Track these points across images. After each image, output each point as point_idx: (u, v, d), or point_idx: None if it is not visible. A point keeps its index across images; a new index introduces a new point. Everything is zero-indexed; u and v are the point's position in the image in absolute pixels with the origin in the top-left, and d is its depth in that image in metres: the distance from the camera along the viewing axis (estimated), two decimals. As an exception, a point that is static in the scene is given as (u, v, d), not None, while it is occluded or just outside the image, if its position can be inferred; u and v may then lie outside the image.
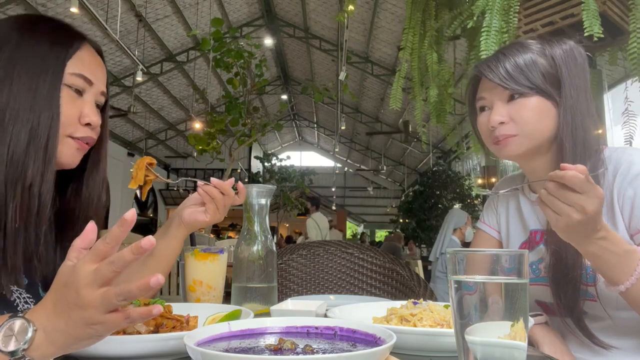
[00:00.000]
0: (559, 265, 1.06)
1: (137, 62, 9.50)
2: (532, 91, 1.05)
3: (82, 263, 0.58)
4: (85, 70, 0.90)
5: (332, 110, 16.63)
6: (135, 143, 15.78)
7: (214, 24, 6.75)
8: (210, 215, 1.08)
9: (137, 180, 1.04)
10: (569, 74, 1.06)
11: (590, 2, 1.67)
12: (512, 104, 1.07)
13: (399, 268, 1.64)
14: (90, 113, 0.90)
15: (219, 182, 1.06)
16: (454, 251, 0.61)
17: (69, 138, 0.89)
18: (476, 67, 1.13)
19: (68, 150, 0.89)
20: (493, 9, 1.84)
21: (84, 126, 0.90)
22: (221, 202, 1.07)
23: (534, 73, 1.06)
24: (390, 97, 2.36)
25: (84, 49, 0.92)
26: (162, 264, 1.12)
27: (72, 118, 0.88)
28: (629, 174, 1.03)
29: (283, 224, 20.96)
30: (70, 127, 0.88)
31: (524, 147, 1.08)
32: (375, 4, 10.04)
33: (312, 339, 0.71)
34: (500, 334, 0.57)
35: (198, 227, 1.12)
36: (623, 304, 0.97)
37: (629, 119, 1.93)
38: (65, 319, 0.58)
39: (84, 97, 0.91)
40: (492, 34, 1.82)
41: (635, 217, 1.01)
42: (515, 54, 1.08)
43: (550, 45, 1.09)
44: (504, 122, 1.07)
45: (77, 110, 0.89)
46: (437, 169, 14.02)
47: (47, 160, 0.83)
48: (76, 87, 0.89)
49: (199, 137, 7.34)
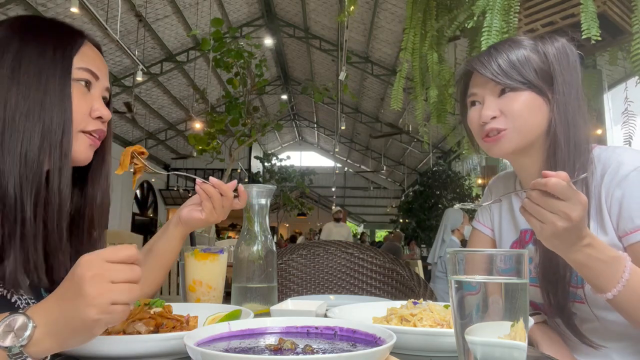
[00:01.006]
0: (548, 266, 1.05)
1: (137, 62, 9.50)
2: (524, 86, 1.04)
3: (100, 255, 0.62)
4: (91, 65, 0.91)
5: (332, 110, 16.64)
6: (135, 143, 15.76)
7: (214, 24, 6.76)
8: (206, 213, 1.08)
9: (123, 167, 1.04)
10: (561, 71, 1.05)
11: (588, 4, 1.67)
12: (503, 98, 1.05)
13: (399, 268, 1.64)
14: (100, 107, 0.91)
15: (218, 181, 1.06)
16: (454, 251, 0.61)
17: (82, 133, 0.89)
18: (468, 63, 1.12)
19: (82, 146, 0.89)
20: (493, 9, 1.84)
21: (94, 120, 0.91)
22: (218, 202, 1.07)
23: (527, 69, 1.05)
24: (390, 97, 2.36)
25: (86, 45, 0.92)
26: (162, 262, 1.13)
27: (83, 112, 0.89)
28: (617, 174, 1.01)
29: (283, 224, 20.97)
30: (82, 122, 0.89)
31: (513, 143, 1.06)
32: (375, 4, 10.04)
33: (312, 339, 0.71)
34: (500, 334, 0.57)
35: (196, 226, 1.12)
36: (609, 306, 0.97)
37: (628, 119, 1.94)
38: (69, 307, 0.60)
39: (91, 91, 0.91)
40: (493, 34, 1.82)
41: (623, 218, 0.99)
42: (507, 50, 1.07)
43: (543, 42, 1.09)
44: (495, 116, 1.05)
45: (87, 104, 0.89)
46: (437, 169, 14.03)
47: (62, 156, 0.84)
48: (85, 81, 0.90)
49: (199, 137, 7.35)
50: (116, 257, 0.62)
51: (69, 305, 0.60)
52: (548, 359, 0.78)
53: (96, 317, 0.59)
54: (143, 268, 0.65)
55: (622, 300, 0.90)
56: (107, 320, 0.60)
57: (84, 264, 0.61)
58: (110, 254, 0.62)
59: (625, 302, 0.90)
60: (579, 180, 1.04)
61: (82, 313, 0.59)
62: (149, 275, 1.10)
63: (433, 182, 13.60)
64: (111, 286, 0.60)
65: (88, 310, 0.59)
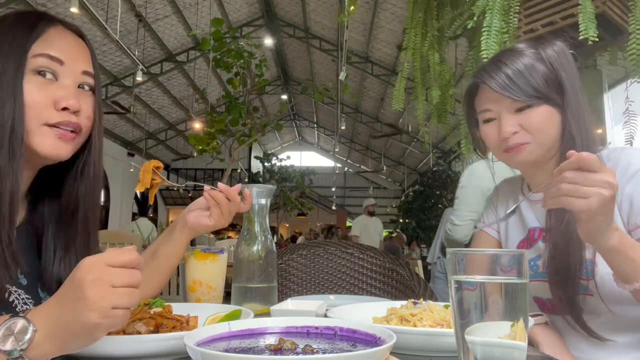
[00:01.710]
0: (560, 259, 1.06)
1: (137, 62, 9.50)
2: (540, 100, 1.06)
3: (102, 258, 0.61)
4: (53, 49, 0.83)
5: (332, 110, 16.63)
6: (135, 143, 15.78)
7: (214, 24, 6.76)
8: (215, 220, 1.07)
9: (144, 184, 1.04)
10: (566, 76, 1.08)
11: (587, 5, 1.67)
12: (521, 115, 1.08)
13: (399, 268, 1.64)
14: (66, 96, 0.83)
15: (226, 187, 1.05)
16: (454, 251, 0.61)
17: (46, 127, 0.82)
18: (476, 77, 1.13)
19: (47, 140, 0.82)
20: (493, 9, 1.84)
21: (60, 111, 0.83)
22: (226, 208, 1.06)
23: (537, 79, 1.06)
24: (390, 97, 2.36)
25: (51, 31, 0.85)
26: (165, 267, 1.12)
27: (43, 104, 0.81)
28: (627, 172, 1.04)
29: (283, 224, 20.97)
30: (43, 115, 0.82)
31: (534, 154, 1.09)
32: (375, 4, 10.04)
33: (312, 339, 0.71)
34: (500, 334, 0.57)
35: (202, 232, 1.12)
36: (619, 298, 0.98)
37: (629, 118, 1.93)
38: (69, 311, 0.60)
39: (59, 80, 0.84)
40: (493, 34, 1.82)
41: (634, 213, 1.02)
42: (513, 61, 1.08)
43: (543, 48, 1.10)
44: (516, 131, 1.08)
45: (48, 95, 0.82)
46: (437, 169, 14.01)
47: (11, 156, 0.78)
48: (44, 70, 0.82)
49: (199, 137, 7.34)
50: (117, 261, 0.61)
51: (69, 309, 0.60)
52: (548, 359, 0.78)
53: (97, 322, 0.59)
54: (144, 271, 0.65)
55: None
56: (108, 324, 0.60)
57: (84, 267, 0.60)
58: (111, 258, 0.61)
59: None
60: None
61: (82, 317, 0.59)
62: (152, 278, 1.09)
63: (433, 182, 13.59)
64: (112, 290, 0.59)
65: (89, 314, 0.59)
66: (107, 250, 0.63)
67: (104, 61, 11.27)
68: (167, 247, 1.11)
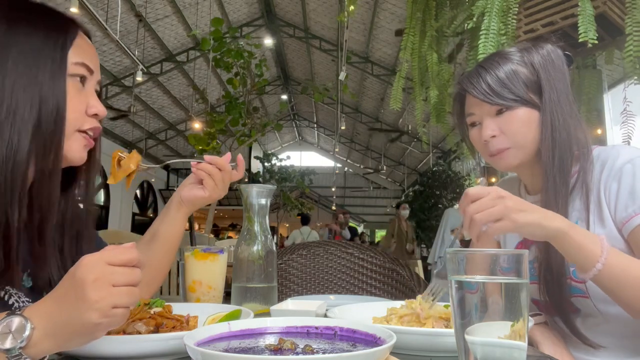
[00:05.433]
0: (548, 260, 1.07)
1: (137, 62, 9.49)
2: (517, 103, 1.08)
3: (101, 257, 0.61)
4: (86, 59, 0.85)
5: (332, 110, 16.63)
6: (135, 143, 15.78)
7: (214, 23, 6.77)
8: (209, 190, 1.06)
9: (114, 175, 1.02)
10: (547, 78, 1.09)
11: (586, 7, 1.67)
12: (501, 118, 1.10)
13: (399, 268, 1.64)
14: (96, 103, 0.86)
15: (214, 157, 1.04)
16: (454, 251, 0.61)
17: (78, 133, 0.84)
18: (458, 84, 1.17)
19: (77, 146, 0.85)
20: (492, 11, 1.84)
21: (90, 117, 0.86)
22: (218, 177, 1.05)
23: (516, 84, 1.08)
24: (390, 97, 2.36)
25: (80, 37, 0.87)
26: (167, 247, 1.10)
27: (79, 110, 0.84)
28: (614, 167, 1.05)
29: (283, 224, 20.95)
30: (78, 121, 0.84)
31: (518, 158, 1.11)
32: (375, 4, 10.04)
33: (312, 339, 0.71)
34: (501, 334, 0.57)
35: (199, 205, 1.10)
36: (610, 299, 0.98)
37: (627, 119, 1.94)
38: (69, 310, 0.59)
39: (85, 87, 0.86)
40: (491, 36, 1.83)
41: (619, 210, 1.02)
42: (495, 67, 1.10)
43: (529, 52, 1.12)
44: (495, 135, 1.10)
45: (83, 101, 0.85)
46: (437, 169, 14.00)
47: (54, 158, 0.79)
48: (81, 76, 0.84)
49: (199, 137, 7.35)
50: (117, 260, 0.61)
51: (69, 308, 0.60)
52: (548, 359, 0.78)
53: (97, 321, 0.59)
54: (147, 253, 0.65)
55: (605, 277, 0.91)
56: (108, 323, 0.60)
57: (84, 266, 0.60)
58: (111, 257, 0.61)
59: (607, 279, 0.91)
60: (579, 181, 1.06)
61: (82, 316, 0.59)
62: (156, 261, 1.08)
63: (433, 182, 13.58)
64: (112, 290, 0.59)
65: (89, 314, 0.58)
66: (106, 247, 0.63)
67: (104, 61, 11.26)
68: (166, 227, 1.09)
